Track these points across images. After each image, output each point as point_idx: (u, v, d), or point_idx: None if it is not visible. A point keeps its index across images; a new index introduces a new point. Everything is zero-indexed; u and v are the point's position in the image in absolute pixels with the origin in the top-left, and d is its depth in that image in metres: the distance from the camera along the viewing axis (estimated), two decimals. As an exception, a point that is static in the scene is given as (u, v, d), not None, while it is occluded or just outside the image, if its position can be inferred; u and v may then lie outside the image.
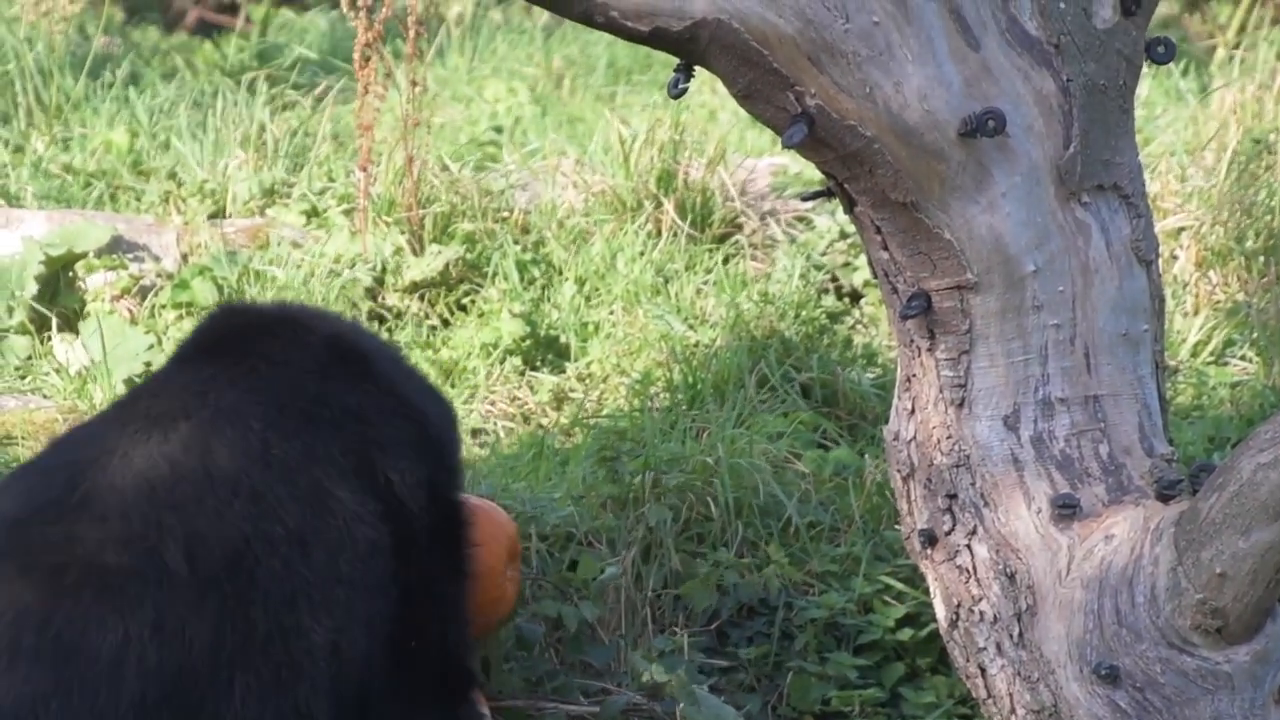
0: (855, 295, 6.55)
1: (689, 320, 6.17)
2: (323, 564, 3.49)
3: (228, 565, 3.43)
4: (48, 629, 3.32)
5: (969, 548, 3.50)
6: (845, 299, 6.53)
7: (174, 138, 7.28)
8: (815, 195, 3.67)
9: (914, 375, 3.53)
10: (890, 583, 4.85)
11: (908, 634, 4.77)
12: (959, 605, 3.53)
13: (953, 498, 3.50)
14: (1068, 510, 3.43)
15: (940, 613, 3.59)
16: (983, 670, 3.53)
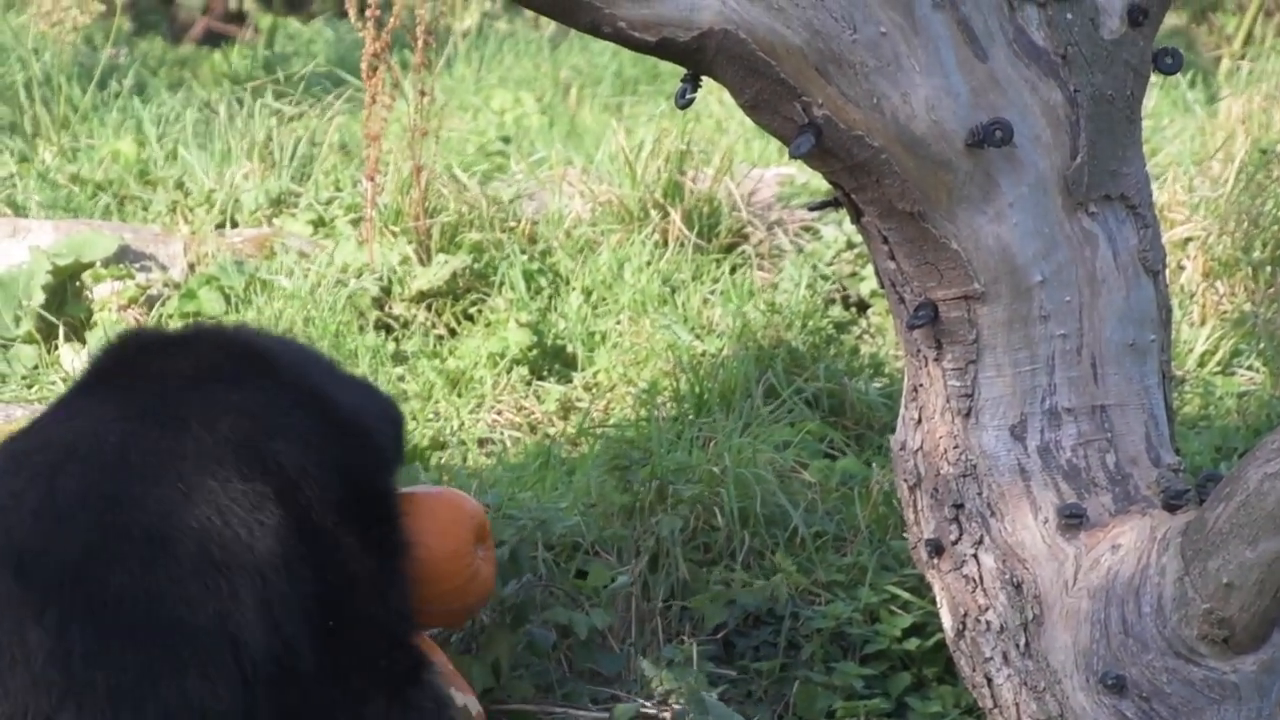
0: (862, 305, 6.55)
1: (696, 330, 6.17)
2: (192, 554, 3.51)
3: (71, 575, 3.45)
4: None
5: (975, 557, 3.50)
6: (852, 309, 6.53)
7: (181, 148, 7.29)
8: (822, 205, 3.67)
9: (921, 385, 3.53)
10: (897, 592, 4.85)
11: (914, 643, 4.77)
12: (965, 615, 3.53)
13: (959, 507, 3.50)
14: (1074, 520, 3.43)
15: (947, 622, 3.59)
16: (989, 680, 3.53)
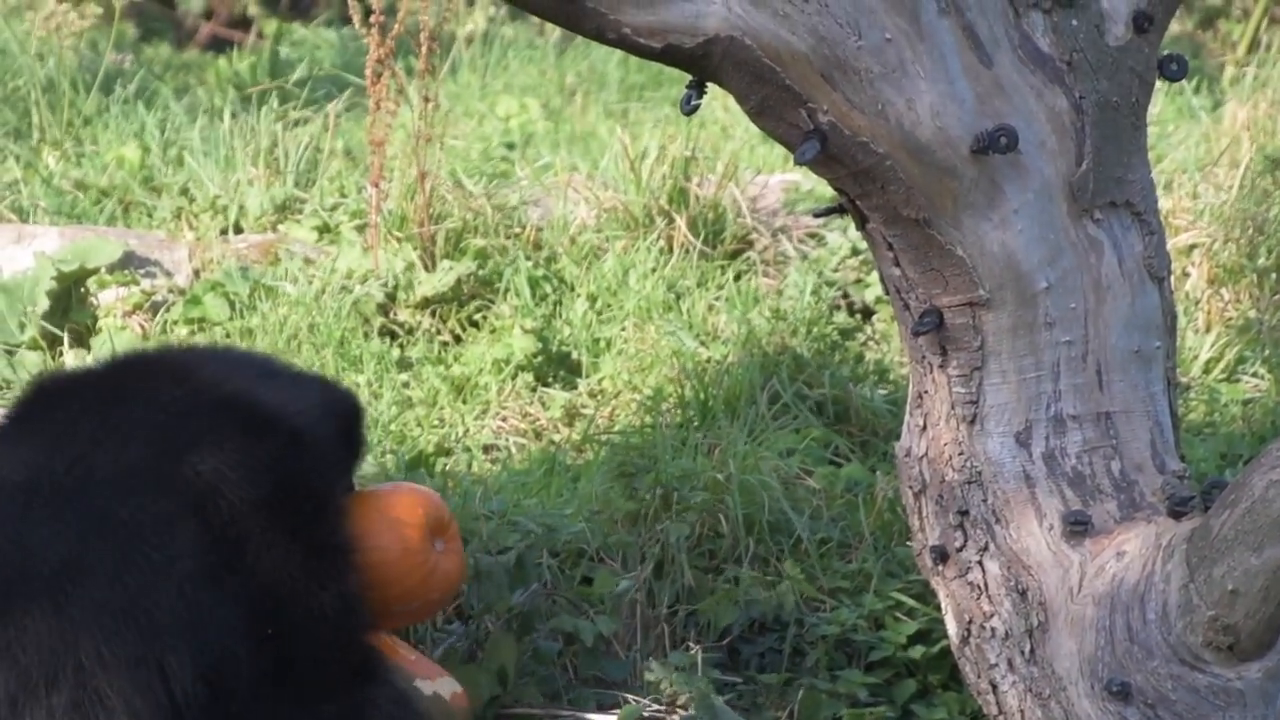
0: (867, 312, 6.55)
1: (701, 336, 6.17)
2: (104, 589, 3.43)
3: None
4: None
5: (980, 564, 3.50)
6: (857, 315, 6.52)
7: (186, 153, 7.29)
8: (827, 211, 3.67)
9: (926, 392, 3.53)
10: (902, 599, 4.85)
11: (919, 651, 4.76)
12: (970, 622, 3.53)
13: (964, 514, 3.50)
14: (1079, 527, 3.42)
15: (951, 629, 3.58)
16: (994, 687, 3.52)
